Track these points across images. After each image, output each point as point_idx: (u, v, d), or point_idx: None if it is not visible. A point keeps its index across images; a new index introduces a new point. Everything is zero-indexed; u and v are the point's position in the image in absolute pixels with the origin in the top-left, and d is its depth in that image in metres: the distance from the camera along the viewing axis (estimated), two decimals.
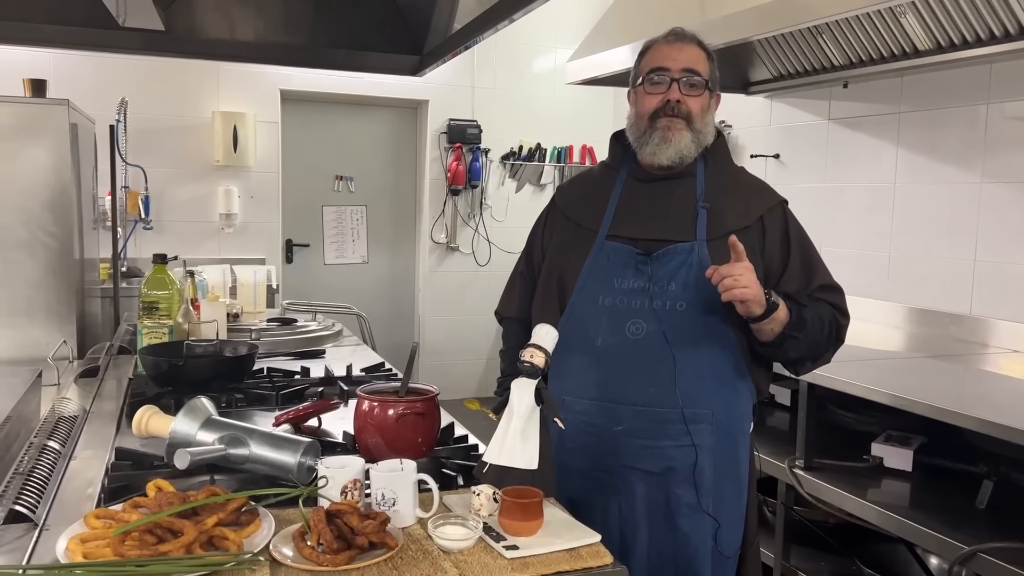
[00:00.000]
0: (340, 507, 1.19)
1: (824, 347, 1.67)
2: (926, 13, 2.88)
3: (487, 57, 5.52)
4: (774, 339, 1.58)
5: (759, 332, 1.59)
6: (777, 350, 1.62)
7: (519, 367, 1.42)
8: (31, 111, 2.51)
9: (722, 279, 1.50)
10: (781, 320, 1.56)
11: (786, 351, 1.62)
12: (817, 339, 1.63)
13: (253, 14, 2.80)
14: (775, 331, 1.57)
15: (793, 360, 1.69)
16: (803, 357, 1.67)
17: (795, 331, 1.58)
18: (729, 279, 1.49)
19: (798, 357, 1.66)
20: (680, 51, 1.67)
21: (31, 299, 2.50)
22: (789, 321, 1.57)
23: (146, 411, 1.57)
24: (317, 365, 2.44)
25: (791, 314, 1.57)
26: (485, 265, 5.67)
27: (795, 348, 1.61)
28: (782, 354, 1.64)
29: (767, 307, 1.53)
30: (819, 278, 1.69)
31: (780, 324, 1.57)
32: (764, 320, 1.54)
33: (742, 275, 1.50)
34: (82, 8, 2.48)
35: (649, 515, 1.64)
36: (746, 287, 1.49)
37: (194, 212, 5.05)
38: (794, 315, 1.58)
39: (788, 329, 1.57)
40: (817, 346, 1.65)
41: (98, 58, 4.58)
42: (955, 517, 2.17)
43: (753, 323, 1.56)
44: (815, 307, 1.64)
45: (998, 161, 3.12)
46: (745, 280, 1.50)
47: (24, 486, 1.35)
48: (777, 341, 1.59)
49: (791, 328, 1.57)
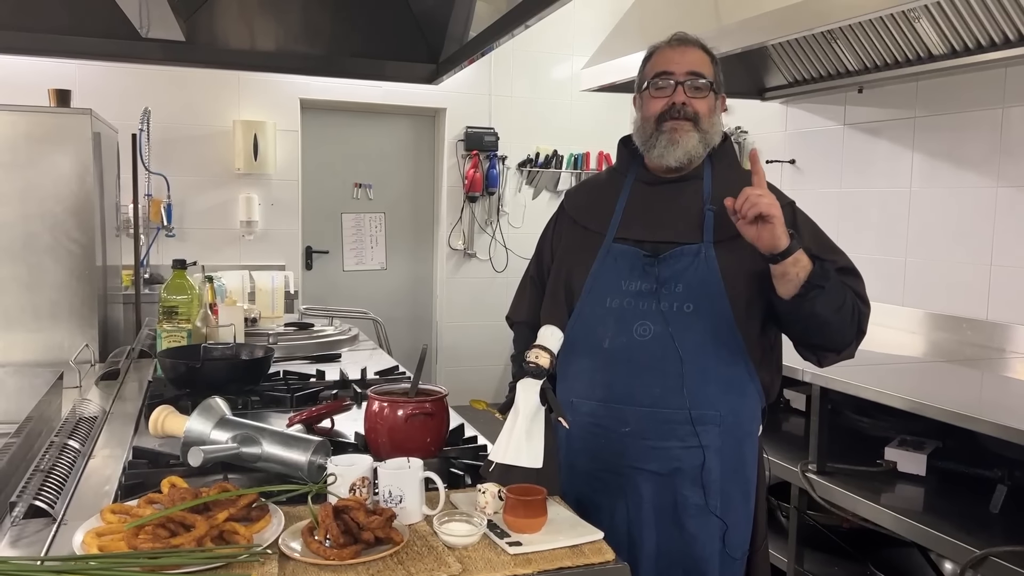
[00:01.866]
0: (347, 503, 1.22)
1: (849, 330, 1.60)
2: (940, 18, 2.88)
3: (504, 65, 5.57)
4: (799, 290, 1.49)
5: (784, 280, 1.50)
6: (803, 302, 1.51)
7: (524, 368, 1.44)
8: (55, 120, 2.57)
9: (747, 197, 1.45)
10: (806, 265, 1.49)
11: (812, 302, 1.50)
12: (843, 310, 1.56)
13: (272, 24, 2.85)
14: (800, 277, 1.48)
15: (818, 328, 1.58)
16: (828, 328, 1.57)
17: (820, 280, 1.49)
18: (753, 195, 1.45)
19: (823, 317, 1.54)
20: (683, 55, 1.68)
21: (55, 303, 2.55)
22: (812, 270, 1.49)
23: (162, 411, 1.61)
24: (332, 368, 2.48)
25: (814, 263, 1.50)
26: (502, 271, 5.70)
27: (822, 302, 1.51)
28: (809, 307, 1.51)
29: (791, 240, 1.47)
30: (839, 260, 1.64)
31: (806, 270, 1.48)
32: (788, 257, 1.46)
33: (763, 194, 1.46)
34: (105, 20, 2.54)
35: (656, 516, 1.65)
36: (771, 202, 1.45)
37: (215, 219, 5.12)
38: (816, 264, 1.50)
39: (813, 278, 1.49)
40: (843, 322, 1.57)
41: (122, 69, 4.67)
42: (969, 522, 2.16)
43: (777, 262, 1.48)
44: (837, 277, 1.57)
45: (1014, 165, 3.10)
46: (769, 198, 1.45)
47: (44, 482, 1.39)
48: (802, 292, 1.49)
49: (815, 276, 1.49)
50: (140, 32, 2.47)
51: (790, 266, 1.48)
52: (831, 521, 2.73)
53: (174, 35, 2.50)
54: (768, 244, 1.48)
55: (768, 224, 1.46)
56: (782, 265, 1.49)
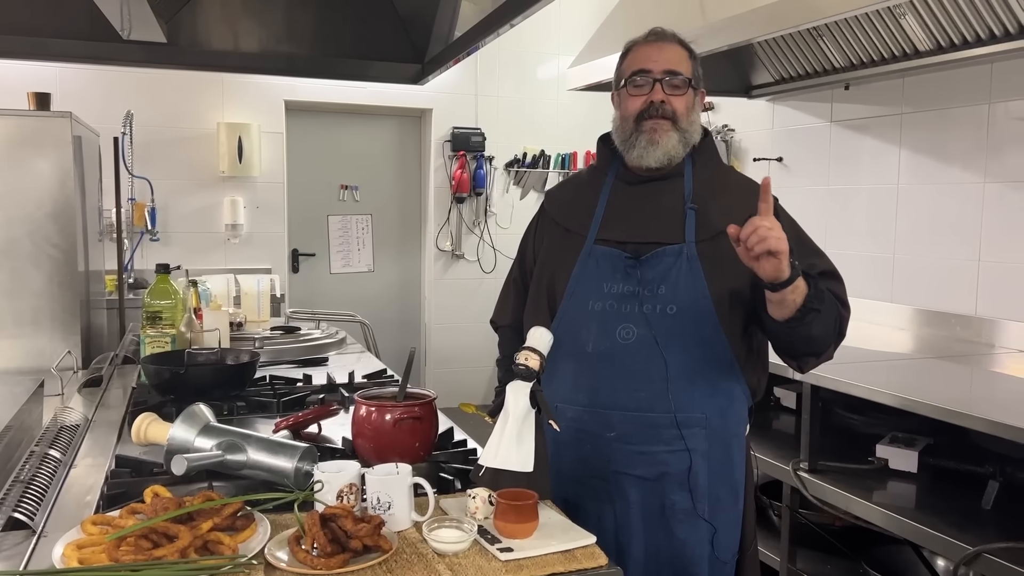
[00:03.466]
0: (334, 511, 1.19)
1: (830, 339, 1.59)
2: (926, 14, 2.88)
3: (490, 65, 5.55)
4: (795, 313, 1.47)
5: (781, 305, 1.47)
6: (799, 326, 1.49)
7: (514, 370, 1.42)
8: (34, 124, 2.54)
9: (755, 229, 1.37)
10: (803, 291, 1.45)
11: (809, 326, 1.48)
12: (829, 323, 1.55)
13: (256, 25, 2.82)
14: (797, 303, 1.46)
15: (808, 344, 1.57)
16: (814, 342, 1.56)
17: (815, 303, 1.47)
18: (763, 228, 1.37)
19: (818, 336, 1.53)
20: (661, 51, 1.66)
21: (36, 310, 2.52)
22: (808, 292, 1.46)
23: (145, 418, 1.58)
24: (320, 372, 2.45)
25: (809, 286, 1.47)
26: (490, 272, 5.68)
27: (817, 324, 1.49)
28: (805, 330, 1.49)
29: (792, 269, 1.42)
30: (820, 264, 1.62)
31: (801, 295, 1.45)
32: (789, 286, 1.43)
33: (774, 227, 1.38)
34: (85, 22, 2.51)
35: (645, 521, 1.63)
36: (781, 237, 1.38)
37: (200, 223, 5.08)
38: (812, 287, 1.47)
39: (809, 301, 1.46)
40: (827, 333, 1.56)
41: (104, 71, 4.63)
42: (961, 518, 2.15)
43: (777, 291, 1.44)
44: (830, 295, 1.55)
45: (1001, 161, 3.11)
46: (778, 232, 1.38)
47: (24, 494, 1.36)
48: (798, 315, 1.47)
49: (812, 300, 1.46)
50: (121, 34, 2.43)
51: (789, 294, 1.45)
52: (823, 519, 2.72)
53: (155, 37, 2.47)
54: (771, 276, 1.43)
55: (774, 259, 1.40)
56: (780, 293, 1.45)
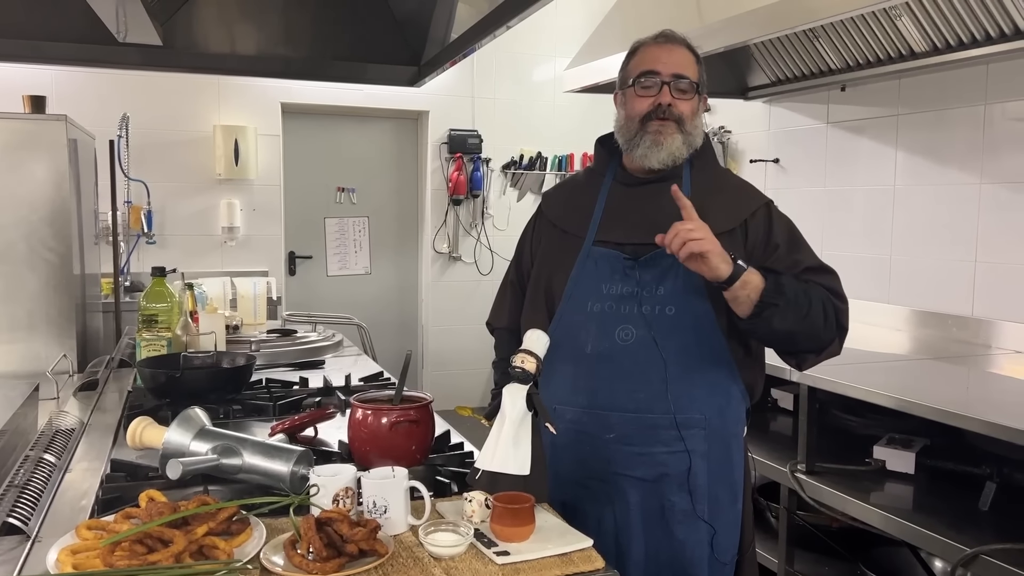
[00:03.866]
0: (330, 515, 1.19)
1: (824, 332, 1.59)
2: (922, 15, 2.88)
3: (487, 67, 5.54)
4: (752, 310, 1.51)
5: (736, 304, 1.52)
6: (758, 322, 1.52)
7: (510, 372, 1.42)
8: (29, 127, 2.53)
9: (675, 235, 1.45)
10: (756, 286, 1.50)
11: (768, 321, 1.51)
12: (810, 317, 1.54)
13: (252, 28, 2.82)
14: (752, 299, 1.50)
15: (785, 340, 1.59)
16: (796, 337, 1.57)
17: (773, 298, 1.50)
18: (683, 232, 1.44)
19: (785, 331, 1.54)
20: (670, 54, 1.65)
21: (32, 313, 2.51)
22: (764, 287, 1.50)
23: (140, 422, 1.58)
24: (316, 375, 2.44)
25: (766, 280, 1.51)
26: (488, 274, 5.67)
27: (779, 318, 1.51)
28: (765, 326, 1.52)
29: (734, 266, 1.47)
30: (805, 260, 1.63)
31: (756, 291, 1.50)
32: (735, 283, 1.48)
33: (693, 229, 1.45)
34: (81, 25, 2.50)
35: (644, 523, 1.63)
36: (701, 238, 1.45)
37: (197, 226, 5.07)
38: (770, 281, 1.51)
39: (765, 296, 1.49)
40: (814, 327, 1.56)
41: (99, 74, 4.61)
42: (958, 520, 2.16)
43: (725, 289, 1.49)
44: (801, 284, 1.57)
45: (997, 162, 3.11)
46: (699, 232, 1.45)
47: (18, 499, 1.36)
48: (756, 311, 1.50)
49: (768, 295, 1.50)
50: (116, 37, 2.42)
51: (739, 290, 1.49)
52: (821, 521, 2.72)
53: (151, 39, 2.46)
54: (708, 276, 1.49)
55: (704, 259, 1.46)
56: (731, 290, 1.50)
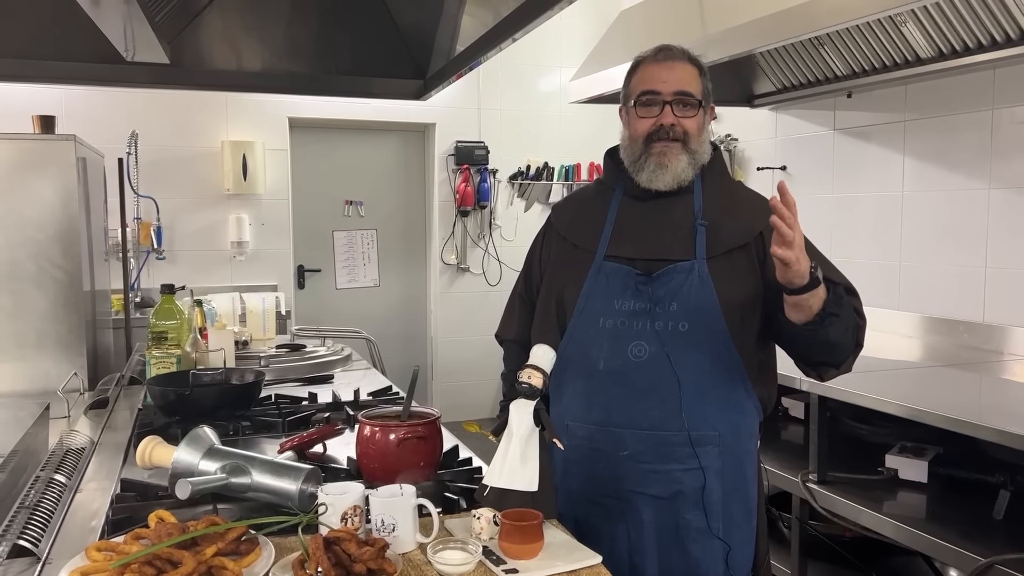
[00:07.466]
0: (338, 534, 1.19)
1: (849, 348, 1.58)
2: (927, 21, 2.88)
3: (492, 79, 5.56)
4: (814, 317, 1.47)
5: (797, 310, 1.47)
6: (819, 329, 1.48)
7: (517, 388, 1.41)
8: (38, 147, 2.55)
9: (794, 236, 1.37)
10: (821, 296, 1.46)
11: (827, 331, 1.48)
12: (848, 331, 1.54)
13: (258, 44, 2.83)
14: (815, 308, 1.46)
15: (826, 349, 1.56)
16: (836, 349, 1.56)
17: (835, 308, 1.47)
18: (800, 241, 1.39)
19: (835, 342, 1.53)
20: (671, 71, 1.62)
21: (41, 332, 2.52)
22: (827, 297, 1.47)
23: (149, 442, 1.58)
24: (325, 390, 2.45)
25: (828, 291, 1.47)
26: (496, 285, 5.68)
27: (835, 329, 1.49)
28: (823, 334, 1.49)
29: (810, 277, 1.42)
30: (834, 278, 1.59)
31: (820, 300, 1.46)
32: (810, 291, 1.43)
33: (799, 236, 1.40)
34: (89, 45, 2.52)
35: (658, 541, 1.61)
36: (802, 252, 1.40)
37: (206, 241, 5.09)
38: (831, 292, 1.48)
39: (828, 306, 1.46)
40: (847, 342, 1.56)
41: (108, 93, 4.65)
42: (972, 529, 2.14)
43: (797, 295, 1.44)
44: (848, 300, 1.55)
45: (1006, 166, 3.10)
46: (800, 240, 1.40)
47: (29, 520, 1.36)
48: (817, 319, 1.47)
49: (831, 304, 1.47)
50: (124, 56, 2.44)
51: (809, 298, 1.45)
52: (833, 531, 2.70)
53: (158, 58, 2.48)
54: (785, 279, 1.43)
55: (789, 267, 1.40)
56: (799, 297, 1.45)
